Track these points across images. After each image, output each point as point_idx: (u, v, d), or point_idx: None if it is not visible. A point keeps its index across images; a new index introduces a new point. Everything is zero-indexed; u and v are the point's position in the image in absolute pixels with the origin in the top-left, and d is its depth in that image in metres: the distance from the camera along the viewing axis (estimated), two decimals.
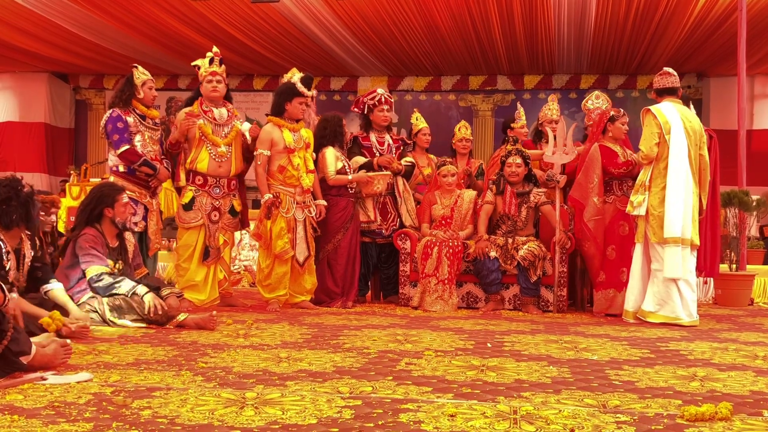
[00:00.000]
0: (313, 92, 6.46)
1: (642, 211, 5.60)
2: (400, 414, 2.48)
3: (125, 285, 4.87)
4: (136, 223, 5.80)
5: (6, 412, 2.41)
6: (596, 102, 6.73)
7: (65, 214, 9.46)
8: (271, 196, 5.97)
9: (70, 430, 2.22)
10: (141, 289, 4.87)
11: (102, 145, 12.18)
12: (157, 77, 12.45)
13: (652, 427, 2.39)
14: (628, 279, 5.84)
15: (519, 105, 7.51)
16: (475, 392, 2.88)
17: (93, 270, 4.88)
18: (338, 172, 6.42)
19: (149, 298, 4.83)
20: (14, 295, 4.08)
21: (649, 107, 5.72)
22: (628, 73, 12.23)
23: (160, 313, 4.79)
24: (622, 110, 6.32)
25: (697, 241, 5.60)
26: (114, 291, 4.86)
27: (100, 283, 4.85)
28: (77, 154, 13.35)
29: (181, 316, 4.81)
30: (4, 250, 4.19)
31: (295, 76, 6.35)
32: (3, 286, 2.98)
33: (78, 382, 2.92)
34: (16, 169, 12.24)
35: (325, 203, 6.26)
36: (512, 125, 7.28)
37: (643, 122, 5.72)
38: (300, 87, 6.11)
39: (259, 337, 4.33)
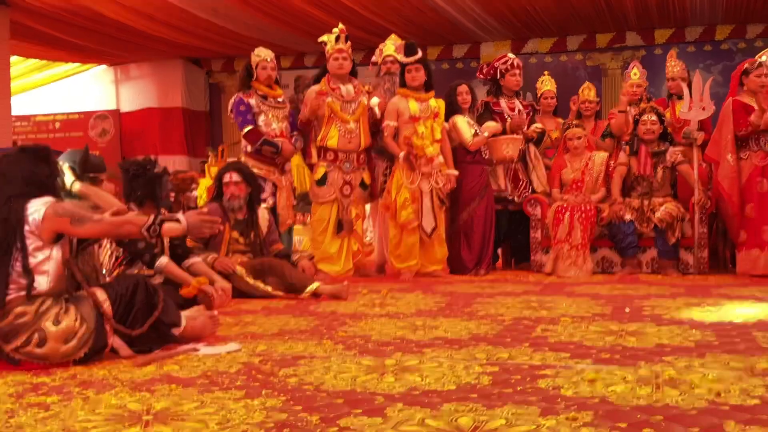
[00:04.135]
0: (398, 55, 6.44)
1: None
2: (539, 380, 2.49)
3: None
4: (264, 200, 6.01)
5: (164, 382, 2.58)
6: None
7: (205, 194, 9.89)
8: (404, 153, 6.04)
9: (224, 397, 2.35)
10: None
11: (236, 126, 12.66)
12: (284, 57, 12.76)
13: None
14: None
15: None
16: (614, 357, 2.84)
17: None
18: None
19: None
20: (164, 259, 4.33)
21: None
22: None
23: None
24: (758, 61, 5.91)
25: None
26: None
27: None
28: (213, 135, 13.89)
29: (313, 285, 4.98)
30: None
31: (390, 43, 6.43)
32: (144, 227, 3.00)
33: (228, 353, 3.08)
34: (158, 152, 12.89)
35: (456, 173, 6.26)
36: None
37: None
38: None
39: (395, 306, 4.42)
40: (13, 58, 10.98)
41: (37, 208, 2.87)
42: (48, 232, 2.87)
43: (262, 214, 5.50)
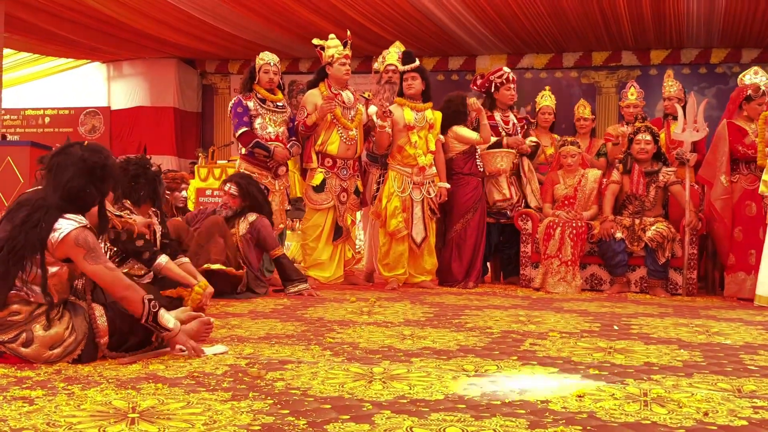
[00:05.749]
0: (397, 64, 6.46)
1: None
2: (527, 393, 2.48)
3: None
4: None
5: (150, 381, 2.55)
6: (754, 78, 6.08)
7: (194, 195, 9.85)
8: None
9: (210, 398, 2.33)
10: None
11: (227, 128, 12.56)
12: (279, 61, 12.78)
13: None
14: (757, 261, 5.58)
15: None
16: (603, 374, 2.83)
17: None
18: (466, 151, 6.42)
19: None
20: (164, 258, 4.23)
21: None
22: (764, 45, 11.55)
23: None
24: (762, 89, 5.94)
25: None
26: None
27: None
28: (204, 137, 13.84)
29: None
30: None
31: (394, 51, 6.44)
32: (146, 299, 2.95)
33: (215, 354, 3.05)
34: (148, 152, 12.84)
35: (447, 185, 6.26)
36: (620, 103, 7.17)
37: None
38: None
39: (383, 315, 4.40)
40: (6, 51, 10.92)
41: (62, 228, 2.79)
42: (61, 254, 2.82)
43: (248, 217, 5.46)
